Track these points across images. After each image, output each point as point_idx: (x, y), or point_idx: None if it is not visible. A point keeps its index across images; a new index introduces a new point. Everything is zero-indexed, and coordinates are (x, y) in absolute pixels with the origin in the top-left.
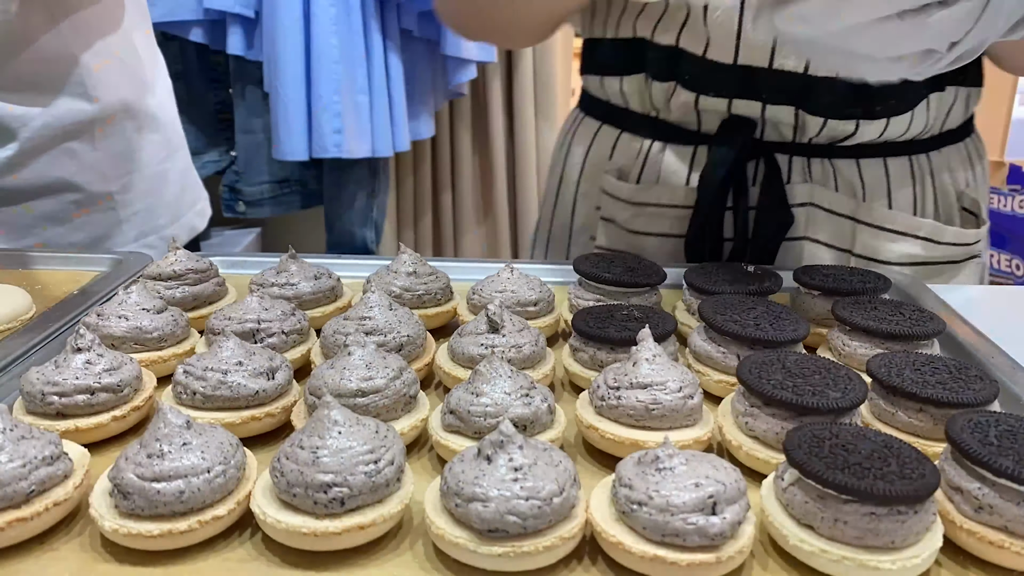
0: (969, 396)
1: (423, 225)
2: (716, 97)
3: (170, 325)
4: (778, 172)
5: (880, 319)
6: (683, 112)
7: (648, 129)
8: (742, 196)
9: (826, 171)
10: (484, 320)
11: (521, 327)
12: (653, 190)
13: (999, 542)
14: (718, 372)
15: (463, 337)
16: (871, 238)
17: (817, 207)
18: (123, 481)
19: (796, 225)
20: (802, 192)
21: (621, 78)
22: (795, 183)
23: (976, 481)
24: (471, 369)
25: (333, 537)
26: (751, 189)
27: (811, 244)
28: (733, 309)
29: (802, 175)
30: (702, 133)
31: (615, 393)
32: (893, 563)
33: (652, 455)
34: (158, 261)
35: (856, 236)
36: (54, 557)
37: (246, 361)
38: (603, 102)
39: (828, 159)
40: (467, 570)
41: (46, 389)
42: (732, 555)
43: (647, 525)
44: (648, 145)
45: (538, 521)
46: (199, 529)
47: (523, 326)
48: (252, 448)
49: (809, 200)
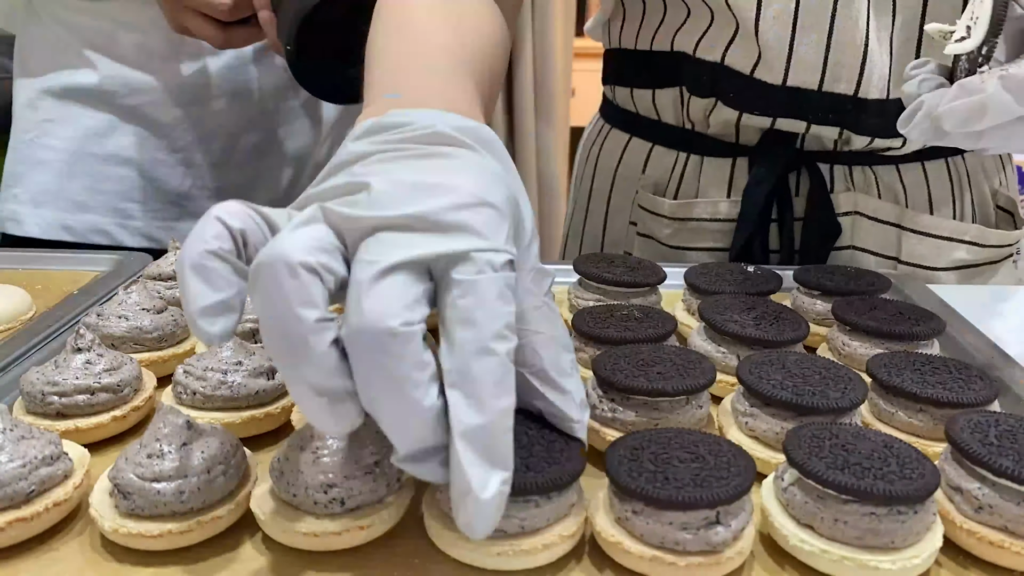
0: (969, 396)
1: None
2: (760, 116)
3: (170, 325)
4: (823, 182)
5: (880, 319)
6: (722, 127)
7: (683, 143)
8: (787, 208)
9: (868, 178)
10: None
11: None
12: (694, 205)
13: (999, 542)
14: (718, 372)
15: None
16: (917, 244)
17: (862, 215)
18: (123, 481)
19: (842, 234)
20: (847, 201)
21: (654, 91)
22: (839, 192)
23: (976, 481)
24: None
25: (333, 537)
26: (795, 199)
27: (858, 253)
28: (733, 309)
29: (845, 183)
30: (740, 145)
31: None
32: (893, 563)
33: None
34: (158, 261)
35: (902, 243)
36: (54, 557)
37: (246, 361)
38: (631, 113)
39: (869, 166)
40: (468, 570)
41: (46, 389)
42: (732, 556)
43: (644, 532)
44: (684, 158)
45: (536, 520)
46: (199, 529)
47: None
48: (252, 448)
49: (854, 209)
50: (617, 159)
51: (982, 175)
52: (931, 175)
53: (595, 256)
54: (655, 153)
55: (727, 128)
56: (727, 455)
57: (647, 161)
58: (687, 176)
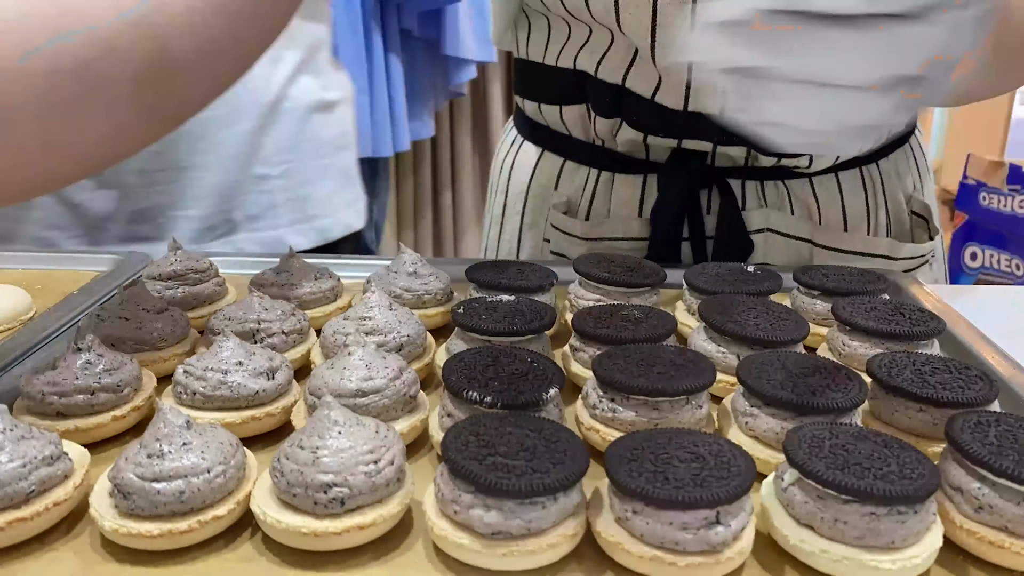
0: (969, 396)
1: (423, 225)
2: (665, 138)
3: (170, 325)
4: (734, 200)
5: (880, 319)
6: (630, 146)
7: (593, 159)
8: (699, 226)
9: (780, 193)
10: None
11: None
12: (605, 224)
13: (999, 542)
14: (718, 372)
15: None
16: (829, 259)
17: (773, 232)
18: (123, 481)
19: (755, 251)
20: (758, 218)
21: (560, 107)
22: (750, 209)
23: (976, 481)
24: None
25: (333, 537)
26: (706, 218)
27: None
28: (733, 309)
29: (757, 200)
30: (651, 162)
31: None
32: (893, 563)
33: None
34: (158, 261)
35: (814, 259)
36: (54, 557)
37: (246, 361)
38: (542, 126)
39: (782, 180)
40: (469, 570)
41: (46, 389)
42: (732, 556)
43: (644, 532)
44: (596, 175)
45: (543, 522)
46: (199, 529)
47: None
48: (252, 448)
49: (766, 226)
50: (529, 175)
51: (896, 180)
52: (845, 186)
53: (595, 256)
54: (566, 169)
55: (635, 147)
56: (727, 455)
57: (559, 177)
58: (598, 193)
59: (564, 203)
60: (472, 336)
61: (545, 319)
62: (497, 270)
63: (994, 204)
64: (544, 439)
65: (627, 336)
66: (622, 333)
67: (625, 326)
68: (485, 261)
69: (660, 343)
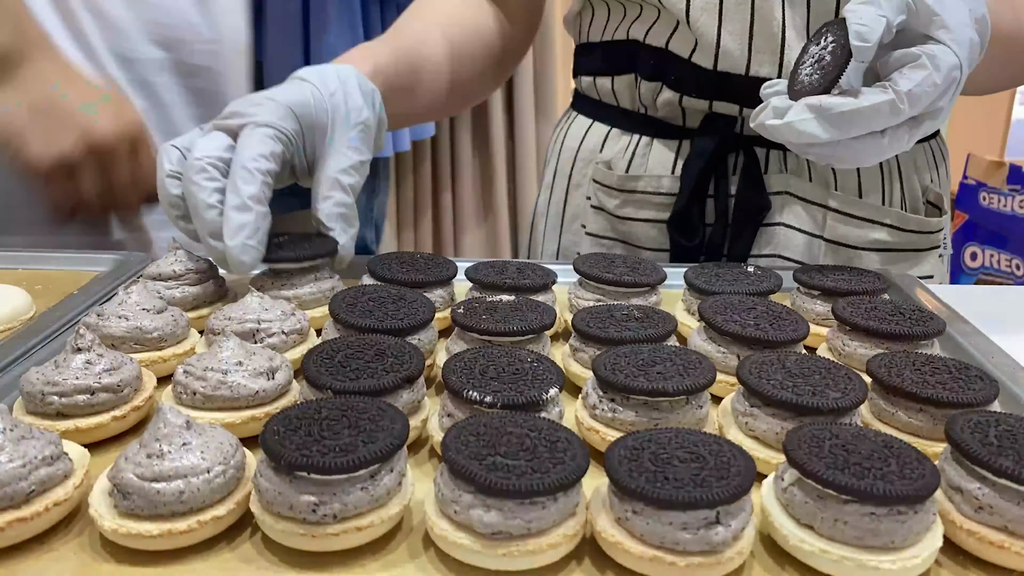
0: (969, 396)
1: (423, 225)
2: (697, 98)
3: (170, 325)
4: (756, 162)
5: (880, 319)
6: (668, 110)
7: (636, 125)
8: (723, 184)
9: (801, 164)
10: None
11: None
12: (640, 179)
13: (999, 542)
14: (718, 372)
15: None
16: (840, 224)
17: (792, 195)
18: (123, 481)
19: (772, 212)
20: (778, 182)
21: (612, 78)
22: (772, 173)
23: (976, 481)
24: None
25: (332, 538)
26: (732, 178)
27: (785, 229)
28: (733, 309)
29: (779, 166)
30: (686, 128)
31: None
32: (893, 563)
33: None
34: (158, 261)
35: (826, 222)
36: (54, 557)
37: (246, 361)
38: (594, 100)
39: None
40: (469, 570)
41: (46, 389)
42: (732, 556)
43: (644, 532)
44: (636, 140)
45: (543, 522)
46: (199, 529)
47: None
48: (252, 448)
49: (785, 189)
50: (579, 142)
51: (913, 170)
52: (863, 167)
53: (595, 256)
54: (611, 135)
55: (673, 111)
56: (727, 455)
57: (604, 142)
58: (637, 155)
59: (606, 162)
60: (472, 336)
61: (545, 319)
62: (497, 270)
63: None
64: (544, 439)
65: (627, 336)
66: (622, 333)
67: (625, 326)
68: (485, 261)
69: (660, 343)
